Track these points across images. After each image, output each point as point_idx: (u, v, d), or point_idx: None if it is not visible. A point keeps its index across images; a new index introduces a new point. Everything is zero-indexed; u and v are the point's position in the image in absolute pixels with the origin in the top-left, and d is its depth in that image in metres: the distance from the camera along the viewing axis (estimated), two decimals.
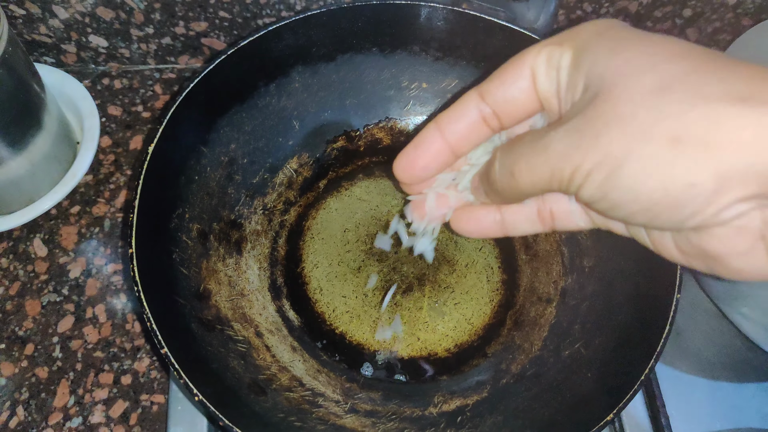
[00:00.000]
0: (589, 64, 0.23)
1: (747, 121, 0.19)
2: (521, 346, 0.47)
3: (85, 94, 0.60)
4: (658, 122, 0.20)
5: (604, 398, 0.38)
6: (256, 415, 0.38)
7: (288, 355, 0.45)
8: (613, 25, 0.24)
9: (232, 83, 0.47)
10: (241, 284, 0.47)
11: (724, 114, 0.19)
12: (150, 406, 0.48)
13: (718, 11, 0.65)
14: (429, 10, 0.49)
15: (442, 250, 0.51)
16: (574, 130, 0.22)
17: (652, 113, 0.20)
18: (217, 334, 0.42)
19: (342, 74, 0.51)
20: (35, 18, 0.56)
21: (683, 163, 0.20)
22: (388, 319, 0.48)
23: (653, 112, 0.20)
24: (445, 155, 0.29)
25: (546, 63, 0.25)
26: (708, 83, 0.20)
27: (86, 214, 0.56)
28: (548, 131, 0.23)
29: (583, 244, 0.49)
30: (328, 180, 0.54)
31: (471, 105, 0.28)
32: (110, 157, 0.58)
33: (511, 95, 0.26)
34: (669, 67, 0.21)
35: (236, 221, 0.49)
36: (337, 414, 0.42)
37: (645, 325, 0.41)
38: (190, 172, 0.45)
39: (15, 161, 0.51)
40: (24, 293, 0.52)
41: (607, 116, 0.21)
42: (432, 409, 0.44)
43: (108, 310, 0.52)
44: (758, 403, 0.52)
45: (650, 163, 0.20)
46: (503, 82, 0.27)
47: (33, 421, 0.47)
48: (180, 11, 0.57)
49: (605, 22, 0.25)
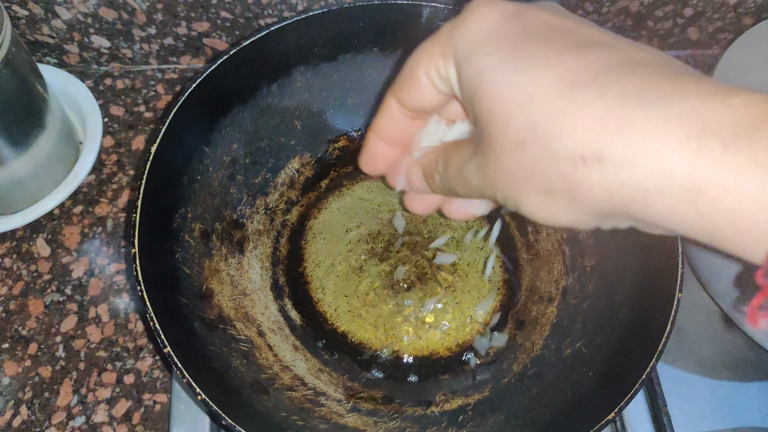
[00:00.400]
0: (469, 95, 0.25)
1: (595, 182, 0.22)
2: (522, 345, 0.47)
3: (87, 95, 0.60)
4: (529, 177, 0.23)
5: (606, 397, 0.38)
6: (258, 413, 0.38)
7: (290, 355, 0.45)
8: (500, 20, 0.25)
9: (234, 83, 0.47)
10: (243, 284, 0.47)
11: (581, 173, 0.21)
12: (153, 405, 0.48)
13: (719, 10, 0.65)
14: (430, 10, 0.49)
15: (444, 251, 0.51)
16: (480, 169, 0.26)
17: (523, 169, 0.23)
18: (219, 333, 0.42)
19: (343, 74, 0.52)
20: (38, 18, 0.56)
21: (559, 210, 0.23)
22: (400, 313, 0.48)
23: (523, 168, 0.23)
24: (395, 150, 0.32)
25: (438, 76, 0.27)
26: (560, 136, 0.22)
27: (89, 214, 0.56)
28: (466, 162, 0.26)
29: (585, 243, 0.49)
30: (330, 179, 0.54)
31: (393, 110, 0.30)
32: (113, 157, 0.59)
33: (422, 101, 0.28)
34: (525, 118, 0.22)
35: (238, 221, 0.49)
36: (339, 413, 0.42)
37: (646, 324, 0.41)
38: (193, 171, 0.46)
39: (18, 161, 0.51)
40: (27, 293, 0.52)
41: (494, 167, 0.24)
42: (434, 408, 0.44)
43: (111, 310, 0.52)
44: (760, 402, 0.52)
45: (538, 209, 0.24)
46: (409, 93, 0.28)
47: (36, 420, 0.47)
48: (182, 11, 0.57)
49: (492, 12, 0.25)
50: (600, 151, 0.21)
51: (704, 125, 0.19)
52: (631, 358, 0.40)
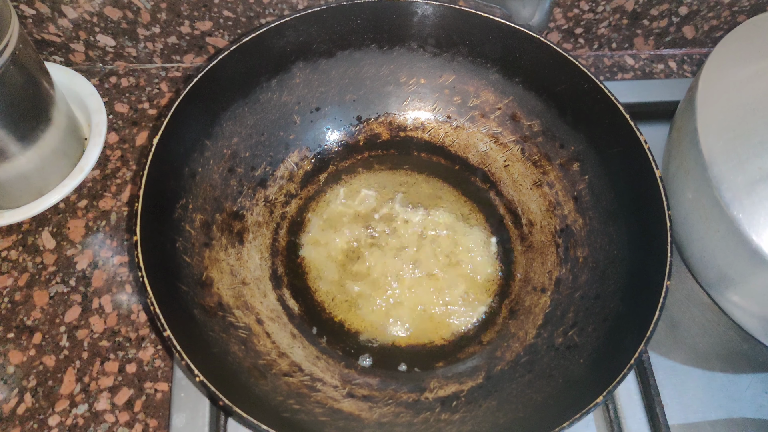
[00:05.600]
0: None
1: None
2: (516, 334, 0.48)
3: (93, 92, 0.61)
4: None
5: (595, 383, 0.39)
6: (255, 396, 0.39)
7: (288, 342, 0.46)
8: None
9: (234, 78, 0.48)
10: (242, 273, 0.48)
11: None
12: (154, 393, 0.49)
13: (714, 9, 0.66)
14: (426, 8, 0.51)
15: (439, 241, 0.52)
16: None
17: None
18: (218, 320, 0.43)
19: (342, 70, 0.53)
20: (45, 17, 0.58)
21: None
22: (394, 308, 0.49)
23: None
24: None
25: None
26: None
27: (93, 208, 0.57)
28: None
29: (578, 235, 0.50)
30: (329, 173, 0.55)
31: None
32: (117, 152, 0.60)
33: None
34: None
35: (238, 212, 0.50)
36: (335, 398, 0.43)
37: (636, 312, 0.41)
38: (194, 164, 0.47)
39: (25, 156, 0.52)
40: (32, 284, 0.53)
41: None
42: (428, 394, 0.45)
43: (114, 301, 0.53)
44: (752, 394, 0.52)
45: None
46: None
47: (40, 407, 0.48)
48: (185, 11, 0.58)
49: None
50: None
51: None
52: (621, 346, 0.40)
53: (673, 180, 0.48)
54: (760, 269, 0.41)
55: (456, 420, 0.41)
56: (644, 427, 0.48)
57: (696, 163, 0.44)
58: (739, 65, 0.47)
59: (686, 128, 0.47)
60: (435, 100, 0.56)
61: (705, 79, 0.47)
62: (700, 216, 0.45)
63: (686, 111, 0.47)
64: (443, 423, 0.41)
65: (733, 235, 0.41)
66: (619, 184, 0.48)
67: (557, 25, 0.65)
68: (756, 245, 0.40)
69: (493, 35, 0.51)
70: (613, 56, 0.70)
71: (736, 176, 0.42)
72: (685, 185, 0.46)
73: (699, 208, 0.45)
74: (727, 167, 0.42)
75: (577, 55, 0.70)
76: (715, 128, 0.44)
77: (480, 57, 0.53)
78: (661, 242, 0.42)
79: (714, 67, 0.48)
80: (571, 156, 0.51)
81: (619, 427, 0.48)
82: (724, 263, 0.44)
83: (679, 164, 0.47)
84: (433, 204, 0.54)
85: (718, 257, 0.44)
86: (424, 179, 0.56)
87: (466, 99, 0.56)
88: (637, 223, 0.46)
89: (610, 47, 0.69)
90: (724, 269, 0.44)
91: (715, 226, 0.43)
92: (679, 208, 0.47)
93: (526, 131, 0.54)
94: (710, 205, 0.43)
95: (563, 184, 0.52)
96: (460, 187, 0.55)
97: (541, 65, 0.51)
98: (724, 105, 0.45)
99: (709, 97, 0.46)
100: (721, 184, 0.42)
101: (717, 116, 0.45)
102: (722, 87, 0.46)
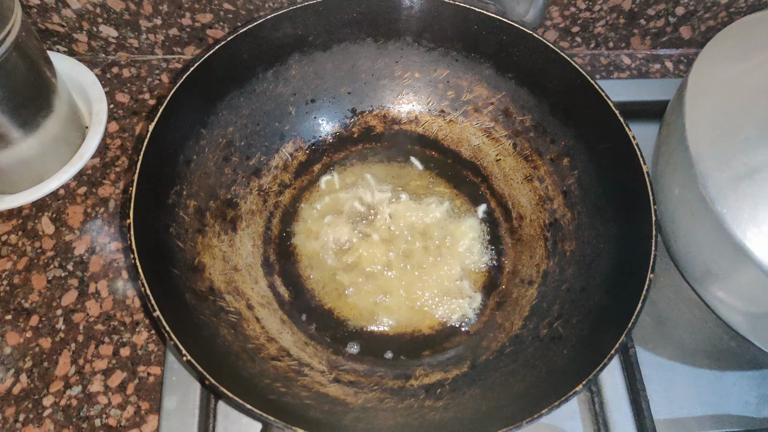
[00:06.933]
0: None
1: None
2: (502, 325, 0.48)
3: (94, 81, 0.62)
4: None
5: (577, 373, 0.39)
6: (242, 378, 0.40)
7: (277, 327, 0.47)
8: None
9: (231, 68, 0.49)
10: (234, 259, 0.49)
11: None
12: (147, 376, 0.50)
13: (711, 9, 0.66)
14: (422, 3, 0.51)
15: (429, 233, 0.53)
16: None
17: None
18: (209, 304, 0.44)
19: (337, 63, 0.53)
20: (49, 7, 0.59)
21: None
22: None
23: None
24: None
25: None
26: None
27: (92, 195, 0.58)
28: None
29: (566, 229, 0.50)
30: (323, 164, 0.56)
31: None
32: (117, 141, 0.61)
33: None
34: None
35: (232, 200, 0.51)
36: (322, 383, 0.44)
37: (620, 304, 0.42)
38: (189, 152, 0.48)
39: (26, 142, 0.53)
40: (31, 268, 0.54)
41: None
42: (413, 381, 0.45)
43: (110, 286, 0.54)
44: (739, 391, 0.52)
45: None
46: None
47: (35, 388, 0.49)
48: (186, 3, 0.59)
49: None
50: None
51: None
52: (604, 337, 0.41)
53: (661, 176, 0.49)
54: (743, 265, 0.41)
55: (439, 407, 0.42)
56: (629, 421, 0.49)
57: (683, 159, 0.45)
58: (728, 64, 0.48)
59: (675, 125, 0.47)
60: (429, 94, 0.57)
61: (694, 77, 0.48)
62: (686, 212, 0.45)
63: (675, 109, 0.48)
64: (427, 409, 0.42)
65: (718, 231, 0.42)
66: (608, 179, 0.48)
67: (554, 23, 0.65)
68: (740, 241, 0.40)
69: (487, 31, 0.51)
70: (609, 55, 0.71)
71: (722, 172, 0.42)
72: (673, 181, 0.47)
73: (685, 203, 0.45)
74: (713, 163, 0.43)
75: (573, 53, 0.70)
76: (703, 125, 0.45)
77: (474, 52, 0.53)
78: (646, 236, 0.42)
79: (703, 66, 0.48)
80: (562, 151, 0.52)
81: (604, 419, 0.49)
82: (709, 259, 0.45)
83: (667, 160, 0.48)
84: (425, 196, 0.55)
85: (704, 253, 0.45)
86: (416, 172, 0.56)
87: (459, 93, 0.56)
88: (624, 217, 0.46)
89: (606, 46, 0.70)
90: (709, 265, 0.45)
91: (701, 222, 0.43)
92: (666, 204, 0.48)
93: (518, 126, 0.55)
94: (696, 200, 0.43)
95: (553, 178, 0.52)
96: (452, 180, 0.56)
97: (534, 61, 0.51)
98: (712, 103, 0.46)
99: (697, 95, 0.46)
100: (707, 180, 0.42)
101: (705, 114, 0.45)
102: (711, 85, 0.47)
